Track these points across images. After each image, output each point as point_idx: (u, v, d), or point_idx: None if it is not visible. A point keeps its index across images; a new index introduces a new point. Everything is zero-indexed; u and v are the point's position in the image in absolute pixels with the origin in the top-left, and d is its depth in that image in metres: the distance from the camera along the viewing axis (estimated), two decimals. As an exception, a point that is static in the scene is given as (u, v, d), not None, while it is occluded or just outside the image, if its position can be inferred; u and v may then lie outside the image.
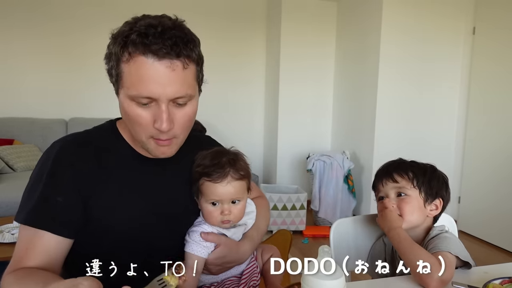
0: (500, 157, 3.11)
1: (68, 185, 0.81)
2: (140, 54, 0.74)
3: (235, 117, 4.34)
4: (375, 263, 1.17)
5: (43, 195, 0.80)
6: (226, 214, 0.90)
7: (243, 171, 0.91)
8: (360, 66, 3.68)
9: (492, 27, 3.22)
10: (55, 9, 3.72)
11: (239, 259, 0.94)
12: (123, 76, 0.77)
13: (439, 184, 1.07)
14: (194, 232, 0.92)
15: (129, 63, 0.75)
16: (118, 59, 0.76)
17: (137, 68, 0.75)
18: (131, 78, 0.76)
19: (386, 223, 1.04)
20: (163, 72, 0.75)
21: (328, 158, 3.53)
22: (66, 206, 0.80)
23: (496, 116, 3.17)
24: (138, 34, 0.74)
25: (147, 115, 0.78)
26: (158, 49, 0.73)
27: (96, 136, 0.89)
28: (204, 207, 0.92)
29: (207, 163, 0.91)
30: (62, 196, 0.80)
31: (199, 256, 0.89)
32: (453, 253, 0.93)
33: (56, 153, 0.83)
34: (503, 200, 3.07)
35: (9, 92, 3.69)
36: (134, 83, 0.75)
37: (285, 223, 3.29)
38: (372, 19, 3.43)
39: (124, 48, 0.75)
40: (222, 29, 4.15)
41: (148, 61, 0.74)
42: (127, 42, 0.74)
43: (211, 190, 0.89)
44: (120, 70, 0.77)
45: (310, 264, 0.70)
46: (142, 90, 0.75)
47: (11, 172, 3.18)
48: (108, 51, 0.79)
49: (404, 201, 1.05)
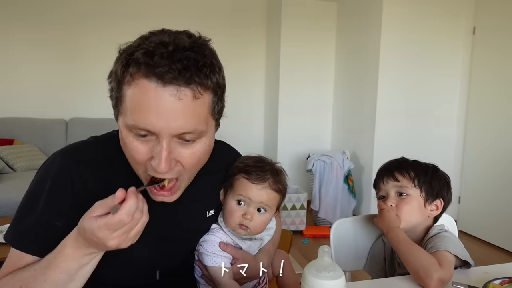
0: (501, 157, 3.11)
1: (68, 207, 0.72)
2: (142, 76, 0.61)
3: (235, 117, 4.34)
4: (375, 263, 1.18)
5: (40, 219, 0.71)
6: (247, 218, 0.85)
7: (281, 185, 0.88)
8: (360, 66, 3.68)
9: (492, 27, 3.22)
10: (56, 11, 3.72)
11: (256, 275, 0.90)
12: (123, 100, 0.64)
13: (440, 184, 1.07)
14: (210, 243, 0.86)
15: (131, 86, 0.63)
16: (119, 81, 0.64)
17: (138, 94, 0.62)
18: (131, 104, 0.63)
19: (385, 223, 1.04)
20: (168, 101, 0.61)
21: (328, 158, 3.53)
22: (66, 231, 0.68)
23: (496, 116, 3.17)
24: (144, 53, 0.61)
25: (144, 150, 0.65)
26: (163, 73, 0.60)
27: (99, 150, 0.79)
28: (228, 204, 0.87)
29: (250, 163, 0.88)
30: (62, 220, 0.71)
31: (228, 268, 0.85)
32: (452, 252, 0.93)
33: (55, 172, 0.74)
34: (504, 200, 3.07)
35: (9, 92, 3.69)
36: (133, 111, 0.63)
37: (285, 223, 3.29)
38: (372, 19, 3.43)
39: (126, 68, 0.63)
40: (222, 29, 4.15)
41: (150, 86, 0.61)
42: (130, 60, 0.62)
43: (244, 187, 0.85)
44: (121, 93, 0.64)
45: (310, 264, 0.70)
46: (140, 120, 0.62)
47: (11, 172, 3.18)
48: (112, 69, 0.67)
49: (404, 201, 1.04)
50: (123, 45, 0.67)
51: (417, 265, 0.90)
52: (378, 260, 1.16)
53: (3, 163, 3.14)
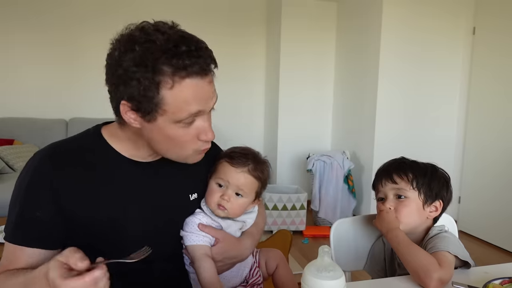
0: (501, 157, 3.11)
1: (46, 199, 0.79)
2: (184, 77, 0.72)
3: (235, 117, 4.34)
4: (375, 263, 1.18)
5: (21, 211, 0.79)
6: (225, 199, 0.91)
7: (261, 173, 0.94)
8: (360, 66, 3.68)
9: (492, 27, 3.22)
10: (56, 11, 3.72)
11: (241, 255, 0.94)
12: (165, 103, 0.73)
13: (439, 185, 1.06)
14: (190, 223, 0.92)
15: (174, 89, 0.72)
16: (157, 87, 0.71)
17: (183, 92, 0.73)
18: (177, 103, 0.73)
19: (384, 224, 1.04)
20: (207, 88, 0.76)
21: (328, 158, 3.53)
22: (46, 221, 0.79)
23: (496, 116, 3.17)
24: (179, 55, 0.70)
25: (191, 132, 0.79)
26: (200, 69, 0.73)
27: (80, 143, 0.87)
28: (209, 186, 0.94)
29: (236, 150, 0.95)
30: (40, 211, 0.79)
31: (204, 244, 0.89)
32: (452, 253, 0.93)
33: (34, 167, 0.81)
34: (504, 200, 3.07)
35: (9, 92, 3.69)
36: (182, 106, 0.74)
37: (285, 223, 3.29)
38: (372, 19, 3.43)
39: (165, 75, 0.71)
40: (223, 29, 4.15)
41: (193, 82, 0.73)
42: (166, 67, 0.70)
43: (224, 169, 0.92)
44: (161, 97, 0.72)
45: (310, 264, 0.70)
46: (192, 110, 0.75)
47: (11, 172, 3.18)
48: (144, 80, 0.71)
49: (402, 203, 1.04)
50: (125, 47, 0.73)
51: (417, 265, 0.90)
52: (378, 261, 1.16)
53: (3, 163, 3.14)
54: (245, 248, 0.95)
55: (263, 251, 1.05)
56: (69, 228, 0.81)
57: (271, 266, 1.01)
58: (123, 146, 0.87)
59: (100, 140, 0.87)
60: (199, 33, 0.83)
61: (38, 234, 0.79)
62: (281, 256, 1.03)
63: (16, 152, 3.29)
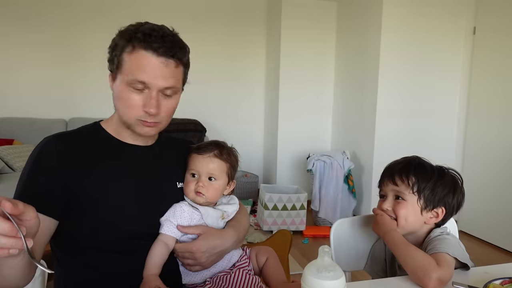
0: (501, 157, 3.11)
1: (50, 167, 0.88)
2: (142, 48, 0.88)
3: (235, 117, 4.34)
4: (376, 264, 1.18)
5: (28, 178, 0.89)
6: (200, 185, 0.99)
7: (226, 156, 1.03)
8: (360, 66, 3.68)
9: (493, 27, 3.22)
10: (56, 12, 3.72)
11: (224, 243, 0.98)
12: (123, 64, 0.90)
13: (444, 191, 1.03)
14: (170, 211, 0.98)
15: (131, 54, 0.89)
16: (122, 50, 0.90)
17: (137, 59, 0.88)
18: (131, 66, 0.89)
19: (380, 227, 1.04)
20: (158, 66, 0.89)
21: (328, 158, 3.53)
22: (48, 186, 0.87)
23: (496, 116, 3.17)
24: (143, 34, 0.88)
25: (139, 100, 0.91)
26: (157, 47, 0.88)
27: (81, 132, 1.00)
28: (185, 179, 1.03)
29: (203, 143, 1.05)
30: (44, 178, 0.88)
31: (168, 235, 0.95)
32: (451, 255, 0.93)
33: (43, 145, 0.92)
34: (504, 200, 3.07)
35: (9, 92, 3.70)
36: (133, 70, 0.88)
37: (285, 223, 3.29)
38: (372, 19, 3.43)
39: (129, 42, 0.89)
40: (223, 29, 4.15)
41: (147, 55, 0.88)
42: (133, 37, 0.88)
43: (194, 161, 1.02)
44: (122, 58, 0.90)
45: (310, 264, 0.70)
46: (139, 75, 0.88)
47: (11, 172, 3.18)
48: (114, 43, 0.93)
49: (399, 205, 1.03)
50: (121, 28, 0.93)
51: (415, 265, 0.90)
52: (379, 261, 1.16)
53: (3, 163, 3.14)
54: (228, 237, 1.00)
55: (254, 247, 1.07)
56: (67, 199, 0.88)
57: (261, 260, 1.04)
58: (115, 129, 0.99)
59: (98, 128, 1.01)
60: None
61: (40, 198, 0.85)
62: (271, 251, 1.06)
63: (16, 152, 3.29)
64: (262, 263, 1.04)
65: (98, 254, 0.91)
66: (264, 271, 1.03)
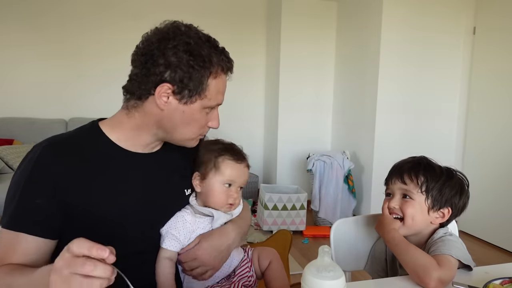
0: (501, 157, 3.11)
1: (46, 187, 0.81)
2: (224, 72, 0.90)
3: (235, 117, 4.34)
4: (376, 264, 1.18)
5: (22, 198, 0.81)
6: (234, 197, 0.94)
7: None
8: (360, 65, 3.68)
9: (492, 27, 3.22)
10: (55, 12, 3.72)
11: (228, 239, 0.94)
12: (208, 88, 0.86)
13: (452, 192, 1.03)
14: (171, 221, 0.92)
15: (216, 79, 0.87)
16: (209, 75, 0.86)
17: (219, 83, 0.89)
18: (214, 91, 0.88)
19: (381, 227, 1.04)
20: (226, 84, 0.92)
21: (328, 158, 3.53)
22: (45, 208, 0.81)
23: (496, 116, 3.17)
24: (222, 53, 0.89)
25: (206, 118, 0.91)
26: (230, 67, 0.91)
27: (78, 135, 0.92)
28: (215, 187, 0.93)
29: (225, 144, 0.98)
30: (40, 199, 0.81)
31: (170, 250, 0.90)
32: (454, 256, 0.92)
33: (36, 158, 0.83)
34: (504, 200, 3.07)
35: (9, 92, 3.69)
36: (215, 95, 0.88)
37: (285, 223, 3.29)
38: (372, 19, 3.43)
39: (216, 66, 0.86)
40: (223, 29, 4.14)
41: (224, 77, 0.90)
42: (216, 59, 0.87)
43: (232, 168, 0.94)
44: (207, 83, 0.86)
45: (310, 264, 0.70)
46: (219, 99, 0.90)
47: (11, 172, 3.18)
48: (186, 62, 0.83)
49: (407, 203, 1.03)
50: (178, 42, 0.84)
51: (416, 264, 0.90)
52: (379, 261, 1.16)
53: (3, 163, 3.14)
54: (228, 231, 0.95)
55: (257, 248, 1.04)
56: (66, 217, 0.83)
57: (263, 263, 1.00)
58: (123, 135, 0.91)
59: (98, 133, 0.91)
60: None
61: (37, 221, 0.80)
62: (274, 253, 1.02)
63: (16, 152, 3.29)
64: (264, 266, 1.00)
65: None
66: (267, 275, 0.99)
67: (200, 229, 0.93)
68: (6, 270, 0.76)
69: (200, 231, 0.93)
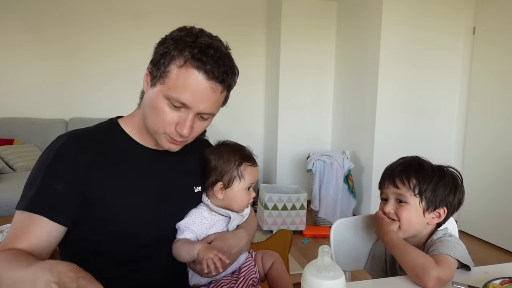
0: (501, 157, 3.11)
1: (67, 174, 0.84)
2: (194, 67, 0.81)
3: (235, 117, 4.34)
4: (376, 264, 1.18)
5: (43, 183, 0.83)
6: (253, 196, 1.01)
7: None
8: (360, 66, 3.68)
9: (492, 27, 3.22)
10: (55, 12, 3.72)
11: (240, 244, 0.97)
12: (169, 75, 0.83)
13: (445, 191, 1.02)
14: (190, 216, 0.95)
15: (181, 69, 0.82)
16: (172, 60, 0.82)
17: (186, 77, 0.82)
18: (177, 82, 0.82)
19: (381, 229, 1.04)
20: (206, 90, 0.83)
21: (328, 158, 3.53)
22: (65, 194, 0.83)
23: (496, 116, 3.17)
24: (200, 50, 0.81)
25: (173, 117, 0.85)
26: (210, 70, 0.82)
27: (98, 131, 0.94)
28: (240, 193, 0.99)
29: (242, 152, 1.01)
30: (61, 184, 0.83)
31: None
32: (453, 256, 0.92)
33: (59, 146, 0.86)
34: (504, 199, 3.07)
35: (9, 92, 3.69)
36: (178, 87, 0.82)
37: (285, 223, 3.29)
38: (372, 19, 3.43)
39: (181, 54, 0.82)
40: (222, 29, 4.09)
41: (198, 76, 0.82)
42: (187, 50, 0.81)
43: (252, 173, 1.00)
44: (169, 69, 0.82)
45: (310, 264, 0.70)
46: (182, 96, 0.82)
47: (11, 172, 3.18)
48: (164, 48, 0.84)
49: (402, 208, 1.03)
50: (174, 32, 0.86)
51: (414, 264, 0.90)
52: (379, 261, 1.16)
53: (3, 163, 3.14)
54: (241, 237, 0.99)
55: (260, 251, 1.06)
56: (82, 207, 0.84)
57: (267, 263, 1.03)
58: (136, 130, 0.94)
59: (116, 128, 0.95)
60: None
61: (55, 205, 0.82)
62: (277, 256, 1.05)
63: (16, 152, 3.29)
64: (267, 267, 1.03)
65: (111, 261, 0.88)
66: (270, 275, 1.02)
67: (217, 226, 0.97)
68: (8, 256, 0.74)
69: (216, 228, 0.97)
